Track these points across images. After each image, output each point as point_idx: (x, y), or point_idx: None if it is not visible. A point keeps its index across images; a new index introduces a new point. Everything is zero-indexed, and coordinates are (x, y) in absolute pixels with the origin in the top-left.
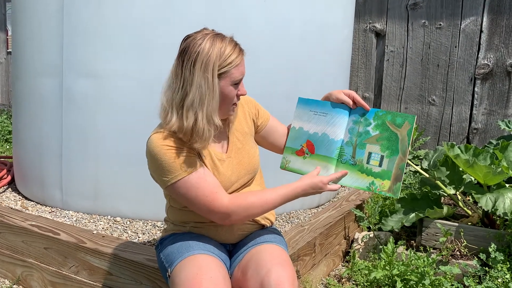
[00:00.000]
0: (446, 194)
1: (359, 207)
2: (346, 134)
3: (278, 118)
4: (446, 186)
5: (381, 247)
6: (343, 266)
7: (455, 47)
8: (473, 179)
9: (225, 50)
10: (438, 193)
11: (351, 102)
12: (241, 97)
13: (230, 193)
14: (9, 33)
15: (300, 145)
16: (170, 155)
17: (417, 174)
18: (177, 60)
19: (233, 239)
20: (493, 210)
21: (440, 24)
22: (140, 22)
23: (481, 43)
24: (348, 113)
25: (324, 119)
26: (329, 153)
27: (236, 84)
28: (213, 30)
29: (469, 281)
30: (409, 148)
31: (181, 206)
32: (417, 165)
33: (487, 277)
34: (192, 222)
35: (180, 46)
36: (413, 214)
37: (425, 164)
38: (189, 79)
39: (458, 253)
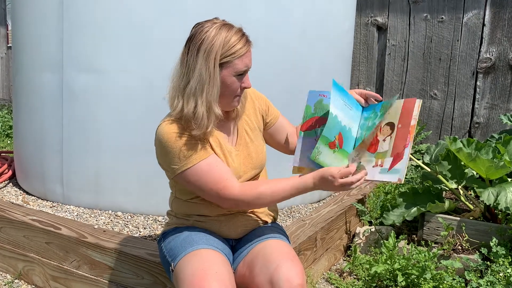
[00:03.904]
0: (448, 189)
1: (361, 201)
2: (358, 130)
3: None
4: (448, 181)
5: (382, 241)
6: (345, 260)
7: (457, 40)
8: (475, 173)
9: (230, 39)
10: (440, 188)
11: (363, 101)
12: (252, 93)
13: None
14: (9, 27)
15: (334, 137)
16: (180, 142)
17: (419, 168)
18: (184, 48)
19: (236, 234)
20: (495, 204)
21: (442, 18)
22: (140, 16)
23: (484, 36)
24: (361, 110)
25: (350, 113)
26: (349, 149)
27: (240, 75)
28: (223, 20)
29: (470, 275)
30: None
31: (187, 198)
32: (418, 159)
33: (489, 272)
34: (195, 215)
35: (190, 33)
36: (414, 209)
37: (426, 158)
38: (191, 66)
39: (459, 247)
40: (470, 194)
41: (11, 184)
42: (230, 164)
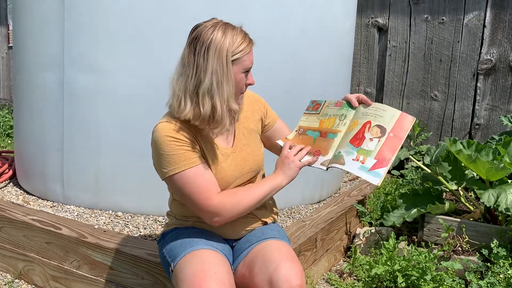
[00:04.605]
0: (448, 190)
1: (361, 202)
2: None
3: (278, 112)
4: (448, 182)
5: (382, 242)
6: (345, 261)
7: (458, 42)
8: (475, 174)
9: (237, 37)
10: (440, 189)
11: (357, 104)
12: (250, 95)
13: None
14: (10, 27)
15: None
16: (172, 147)
17: (419, 169)
18: (188, 48)
19: (235, 234)
20: (495, 206)
21: (443, 19)
22: (140, 16)
23: (484, 38)
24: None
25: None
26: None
27: (246, 72)
28: (221, 20)
29: (470, 276)
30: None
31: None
32: (419, 160)
33: (489, 273)
34: (195, 216)
35: (191, 35)
36: (414, 210)
37: (427, 160)
38: (202, 65)
39: (460, 248)
40: (471, 196)
41: (11, 184)
42: (224, 168)
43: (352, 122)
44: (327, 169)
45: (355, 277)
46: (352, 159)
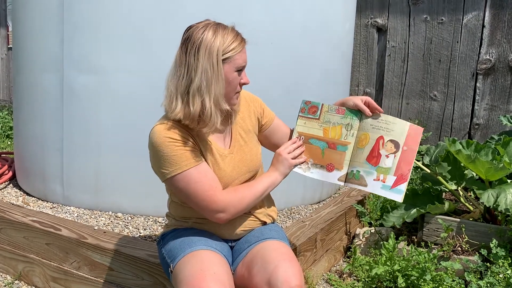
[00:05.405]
0: (447, 190)
1: (361, 202)
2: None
3: (278, 113)
4: (447, 182)
5: (382, 242)
6: (344, 261)
7: (457, 42)
8: (474, 174)
9: (228, 37)
10: (439, 189)
11: (366, 109)
12: (247, 95)
13: None
14: (10, 28)
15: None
16: (172, 148)
17: (419, 169)
18: (181, 49)
19: (235, 235)
20: (494, 205)
21: (442, 19)
22: (140, 16)
23: (483, 38)
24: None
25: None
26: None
27: (239, 71)
28: (214, 21)
29: (470, 276)
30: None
31: (183, 201)
32: (418, 160)
33: (489, 273)
34: (194, 217)
35: (183, 36)
36: (414, 210)
37: (426, 160)
38: (193, 65)
39: (459, 248)
40: (470, 195)
41: (11, 185)
42: (223, 169)
43: (362, 135)
44: (344, 184)
45: (355, 278)
46: (373, 179)
